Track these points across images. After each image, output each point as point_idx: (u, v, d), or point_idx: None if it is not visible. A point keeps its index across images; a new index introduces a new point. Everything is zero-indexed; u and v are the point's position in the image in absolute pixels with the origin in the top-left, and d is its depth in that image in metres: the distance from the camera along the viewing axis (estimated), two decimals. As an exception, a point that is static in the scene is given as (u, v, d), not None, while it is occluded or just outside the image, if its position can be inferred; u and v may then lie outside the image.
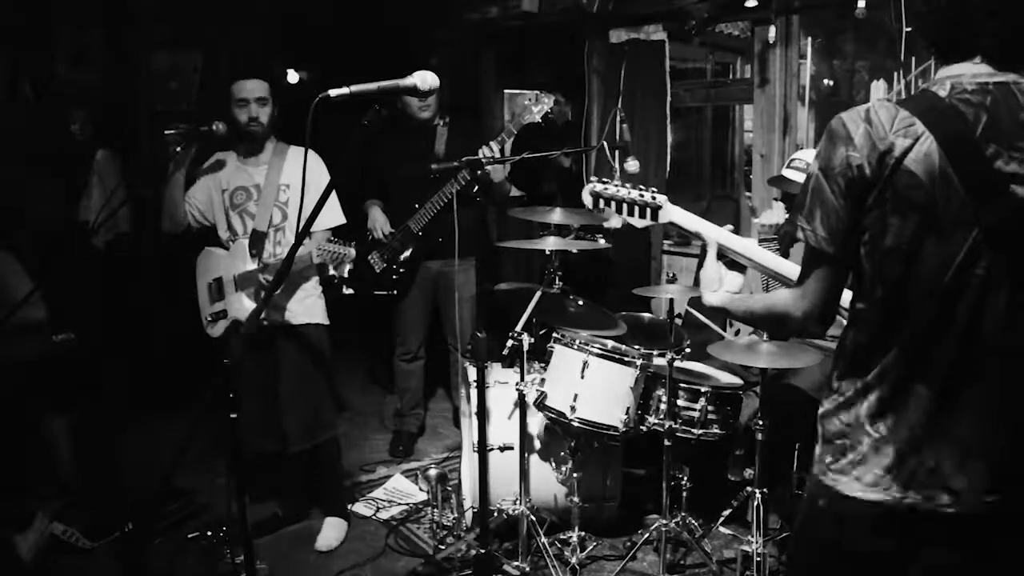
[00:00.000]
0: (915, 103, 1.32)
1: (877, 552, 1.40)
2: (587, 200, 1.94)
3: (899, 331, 1.33)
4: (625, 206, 1.89)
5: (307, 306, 3.08)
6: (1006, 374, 1.31)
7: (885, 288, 1.34)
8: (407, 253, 3.76)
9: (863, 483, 1.37)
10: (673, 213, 1.85)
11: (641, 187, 1.88)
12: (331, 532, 3.19)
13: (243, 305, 2.98)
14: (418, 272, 3.87)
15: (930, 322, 1.31)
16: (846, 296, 1.45)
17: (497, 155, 3.44)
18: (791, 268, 1.69)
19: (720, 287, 1.70)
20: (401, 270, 3.83)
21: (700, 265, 1.82)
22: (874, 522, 1.38)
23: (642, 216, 1.88)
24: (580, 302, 3.22)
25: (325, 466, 3.24)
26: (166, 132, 2.80)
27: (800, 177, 2.93)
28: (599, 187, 1.91)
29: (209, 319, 3.07)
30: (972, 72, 1.32)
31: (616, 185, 1.91)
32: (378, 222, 3.83)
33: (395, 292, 3.90)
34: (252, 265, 2.97)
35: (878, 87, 3.69)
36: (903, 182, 1.28)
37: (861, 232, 1.34)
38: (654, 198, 1.87)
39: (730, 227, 1.93)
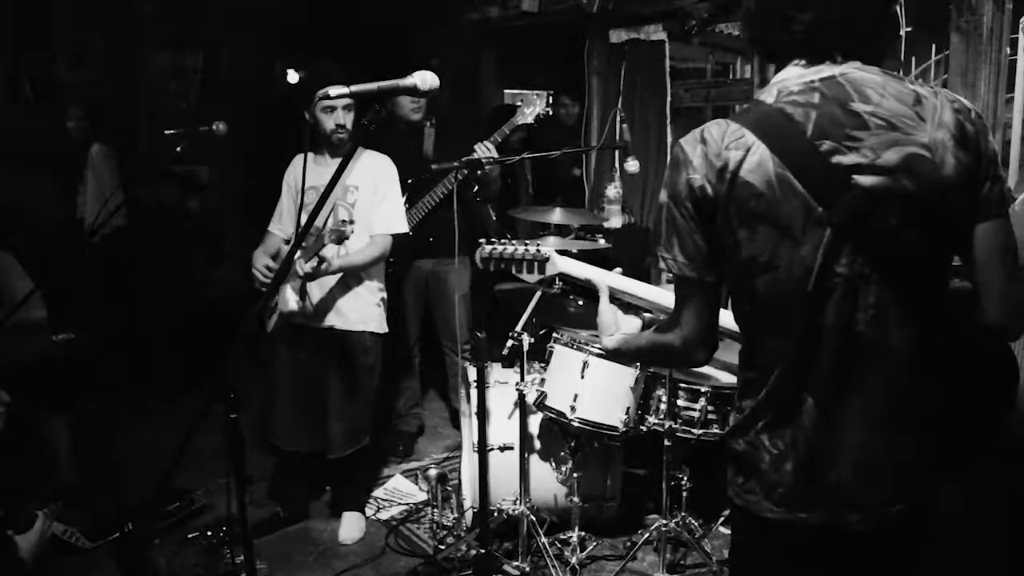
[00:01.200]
0: (745, 115, 1.30)
1: (795, 572, 1.39)
2: (479, 263, 2.01)
3: (776, 345, 1.31)
4: (514, 265, 1.97)
5: (362, 312, 3.08)
6: (889, 375, 1.28)
7: (751, 303, 1.32)
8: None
9: (771, 502, 1.34)
10: (561, 264, 1.92)
11: (527, 243, 1.97)
12: (354, 524, 3.23)
13: (286, 296, 2.98)
14: (409, 271, 3.88)
15: (801, 332, 1.27)
16: (728, 317, 1.43)
17: (492, 154, 3.43)
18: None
19: (617, 331, 1.68)
20: (390, 270, 3.84)
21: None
22: (788, 542, 1.36)
23: (529, 271, 1.97)
24: (580, 302, 3.22)
25: (358, 469, 3.28)
26: (166, 132, 2.80)
27: None
28: (488, 248, 1.99)
29: (267, 313, 3.10)
30: (798, 74, 1.31)
31: (503, 244, 1.98)
32: None
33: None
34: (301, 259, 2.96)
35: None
36: (742, 194, 1.26)
37: (718, 251, 1.32)
38: (539, 251, 1.95)
39: (619, 270, 1.96)
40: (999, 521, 2.15)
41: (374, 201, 3.03)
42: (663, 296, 1.83)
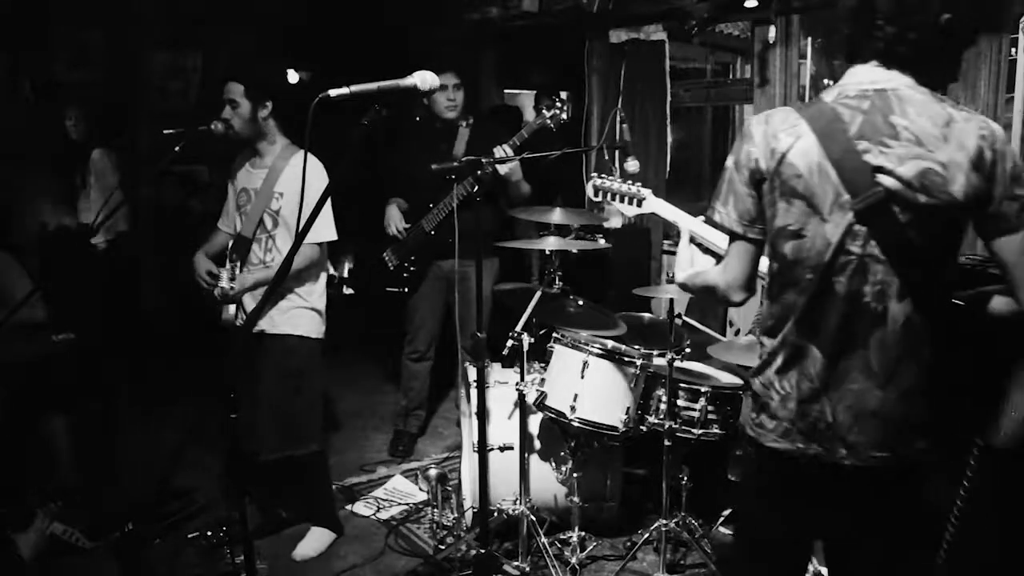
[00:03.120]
0: (806, 108, 1.55)
1: (791, 495, 1.63)
2: (590, 191, 2.51)
3: (792, 300, 1.56)
4: (619, 197, 2.48)
5: (290, 316, 2.97)
6: (885, 340, 1.51)
7: (779, 262, 1.58)
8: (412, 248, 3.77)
9: (776, 434, 1.60)
10: (655, 204, 2.36)
11: (632, 182, 2.43)
12: (311, 542, 3.14)
13: (227, 307, 2.98)
14: (430, 271, 3.88)
15: (814, 294, 1.53)
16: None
17: (509, 155, 3.44)
18: None
19: (691, 267, 1.88)
20: (412, 268, 3.85)
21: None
22: (787, 468, 1.61)
23: (630, 204, 2.46)
24: (580, 302, 3.22)
25: (308, 477, 3.17)
26: (165, 132, 2.80)
27: None
28: (598, 181, 2.50)
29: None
30: (858, 79, 1.54)
31: (612, 180, 2.46)
32: (393, 219, 3.85)
33: (406, 289, 3.92)
34: (227, 269, 2.91)
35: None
36: (787, 172, 1.52)
37: (762, 215, 1.58)
38: (639, 191, 2.44)
39: (702, 217, 2.09)
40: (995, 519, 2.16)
41: (299, 205, 2.92)
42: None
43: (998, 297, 1.59)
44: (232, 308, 2.98)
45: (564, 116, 3.49)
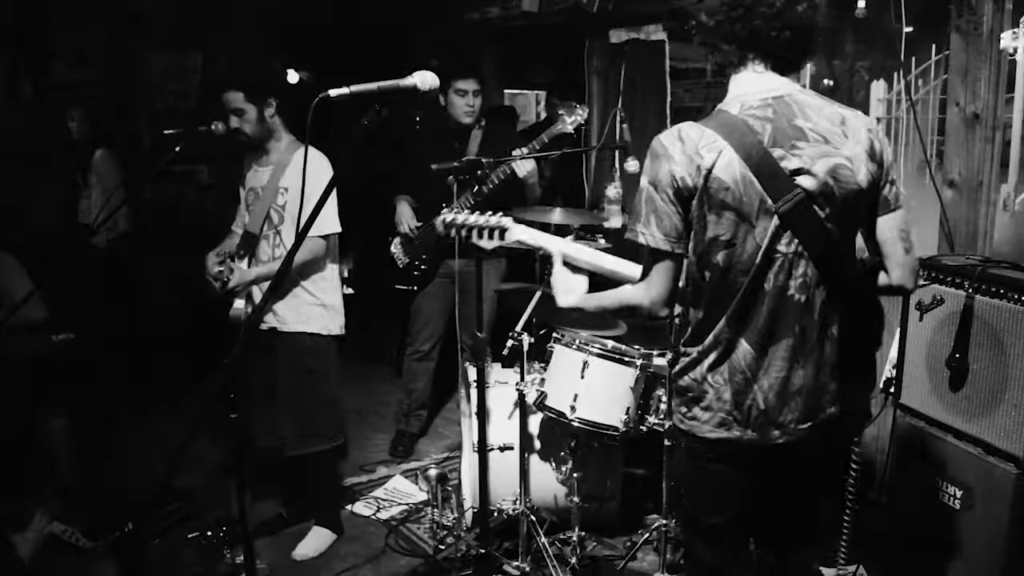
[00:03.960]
0: (715, 122, 1.63)
1: (727, 478, 1.76)
2: (440, 228, 2.37)
3: (725, 303, 1.66)
4: (475, 232, 2.17)
5: (300, 314, 2.99)
6: (806, 326, 1.66)
7: (711, 271, 1.65)
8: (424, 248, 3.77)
9: (711, 425, 1.72)
10: (519, 232, 2.15)
11: (489, 212, 2.16)
12: (311, 542, 3.14)
13: (236, 304, 2.99)
14: (440, 270, 3.89)
15: (747, 293, 1.64)
16: None
17: (528, 161, 3.46)
18: (627, 266, 2.04)
19: (570, 292, 1.99)
20: (424, 267, 3.85)
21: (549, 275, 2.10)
22: (722, 456, 1.74)
23: (490, 238, 2.17)
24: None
25: (316, 475, 3.18)
26: (165, 132, 2.80)
27: None
28: (449, 216, 2.19)
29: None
30: (753, 88, 1.65)
31: (464, 213, 2.18)
32: (404, 216, 3.85)
33: (415, 288, 3.92)
34: (225, 266, 2.97)
35: (878, 87, 3.68)
36: (715, 186, 1.59)
37: (689, 230, 1.65)
38: (500, 221, 2.16)
39: (571, 236, 2.18)
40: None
41: (308, 204, 2.92)
42: (608, 260, 2.08)
43: (882, 274, 1.77)
44: (240, 304, 2.97)
45: (583, 122, 3.51)
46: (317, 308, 3.02)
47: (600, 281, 2.07)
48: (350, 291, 3.90)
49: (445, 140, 3.83)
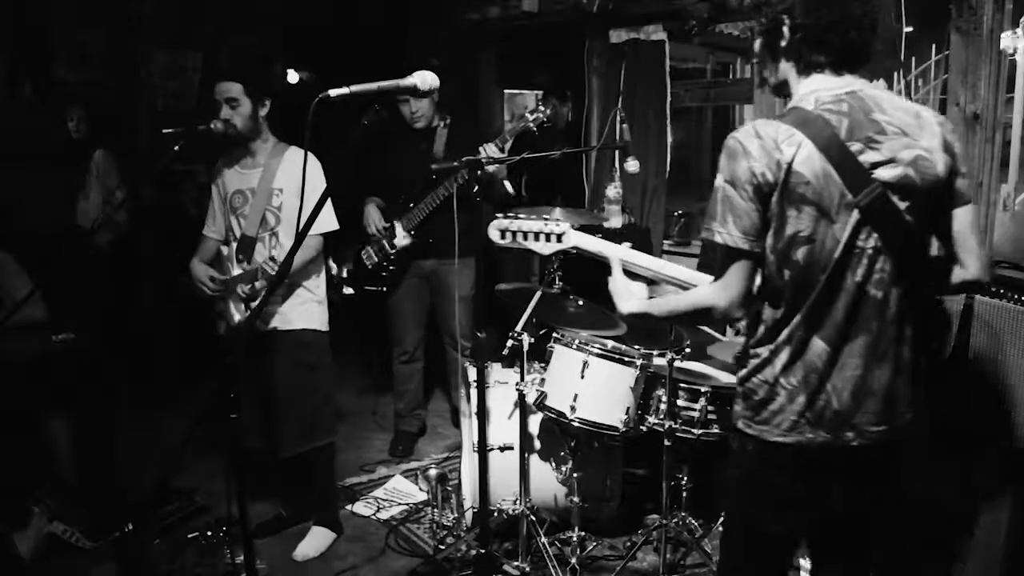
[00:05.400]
0: (791, 118, 1.61)
1: (794, 484, 1.69)
2: (494, 236, 2.16)
3: (800, 301, 1.62)
4: (531, 236, 2.10)
5: (303, 311, 3.02)
6: (884, 324, 1.62)
7: (790, 269, 1.61)
8: (396, 246, 3.77)
9: (782, 428, 1.66)
10: (575, 238, 2.09)
11: (544, 216, 2.05)
12: (312, 542, 3.15)
13: (230, 310, 2.99)
14: (410, 270, 3.88)
15: (824, 290, 1.60)
16: None
17: (496, 155, 3.43)
18: (688, 273, 2.00)
19: (631, 297, 1.92)
20: (392, 268, 3.84)
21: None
22: (794, 460, 1.67)
23: (547, 241, 2.09)
24: (580, 302, 3.22)
25: (316, 473, 3.19)
26: (164, 131, 2.80)
27: None
28: (504, 222, 2.10)
29: (216, 316, 3.09)
30: (825, 86, 1.64)
31: (522, 217, 2.08)
32: (372, 217, 3.85)
33: (384, 288, 3.91)
34: (237, 270, 2.98)
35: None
36: (795, 181, 1.56)
37: (766, 228, 1.61)
38: (557, 225, 2.08)
39: (628, 244, 2.10)
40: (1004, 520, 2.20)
41: (306, 204, 2.96)
42: (668, 268, 2.04)
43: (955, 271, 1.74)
44: (237, 313, 2.98)
45: (545, 118, 3.49)
46: (316, 305, 3.07)
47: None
48: (350, 291, 3.90)
49: (411, 141, 3.82)
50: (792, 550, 1.85)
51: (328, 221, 3.01)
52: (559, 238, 2.09)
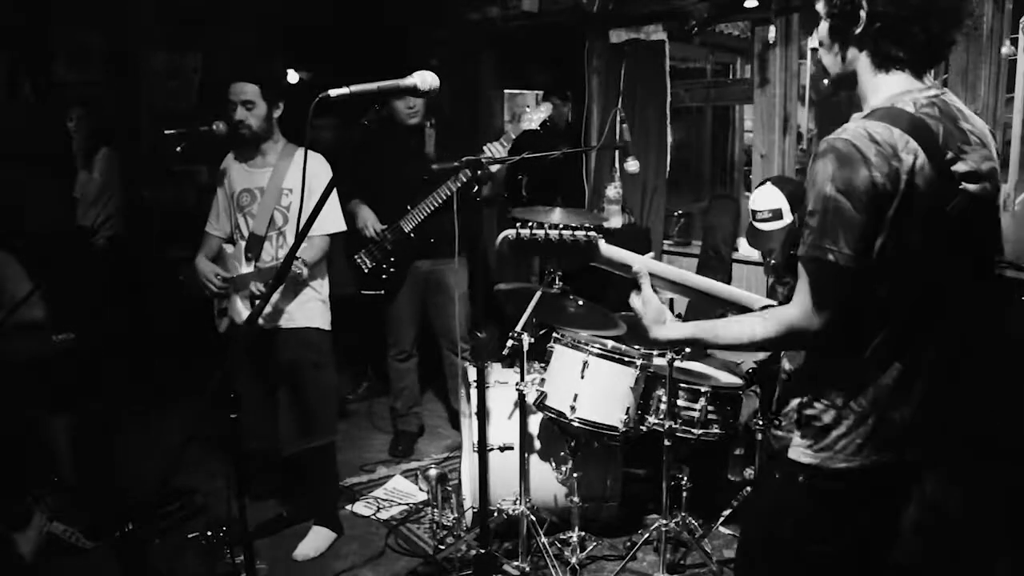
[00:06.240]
0: (898, 121, 1.44)
1: (854, 513, 1.57)
2: (506, 248, 1.72)
3: (888, 320, 1.49)
4: (555, 250, 1.68)
5: (306, 310, 3.04)
6: (955, 338, 1.53)
7: (891, 284, 1.46)
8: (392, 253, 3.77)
9: (846, 453, 1.52)
10: (606, 249, 1.71)
11: (571, 225, 1.68)
12: (312, 542, 3.14)
13: (238, 308, 2.99)
14: (408, 272, 3.87)
15: (913, 308, 1.49)
16: None
17: (501, 155, 3.44)
18: (732, 291, 1.72)
19: (664, 318, 1.62)
20: (392, 270, 3.84)
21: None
22: (851, 485, 1.54)
23: (573, 256, 1.69)
24: (580, 302, 3.22)
25: (317, 472, 3.20)
26: (166, 132, 2.80)
27: (776, 226, 2.94)
28: (523, 231, 1.67)
29: (217, 314, 3.09)
30: (915, 87, 1.50)
31: (539, 227, 1.67)
32: (368, 220, 3.80)
33: (383, 292, 3.89)
34: (246, 269, 2.98)
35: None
36: (912, 192, 1.41)
37: (875, 242, 1.43)
38: (587, 234, 1.67)
39: (651, 254, 1.83)
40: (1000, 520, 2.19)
41: (308, 203, 2.96)
42: (696, 281, 1.73)
43: None
44: (244, 311, 2.98)
45: (546, 118, 3.49)
46: (319, 304, 3.09)
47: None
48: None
49: (401, 141, 3.81)
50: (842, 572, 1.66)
51: (335, 221, 3.04)
52: (589, 250, 1.68)
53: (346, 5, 5.73)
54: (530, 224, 1.67)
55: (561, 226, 1.67)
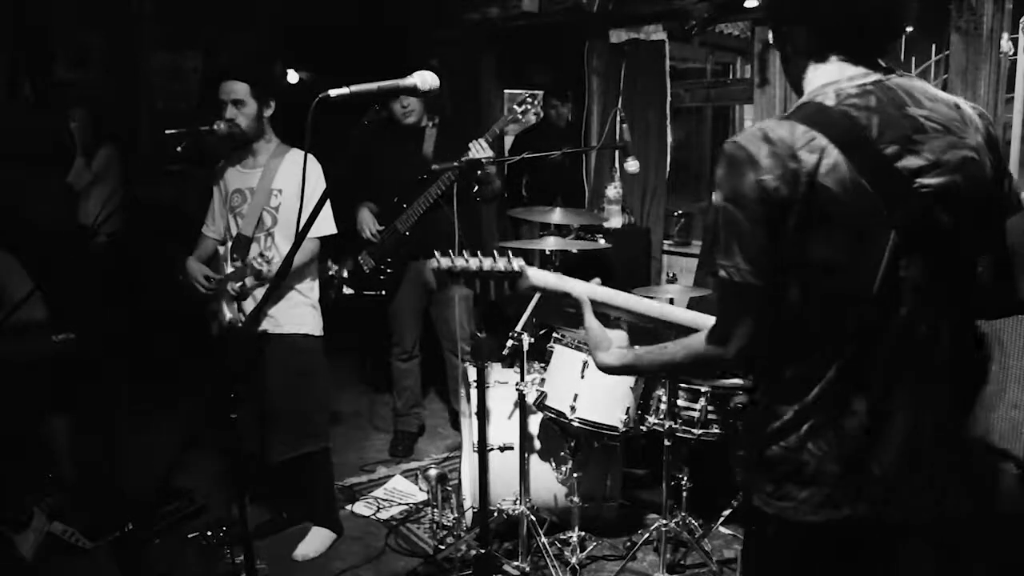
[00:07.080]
0: (807, 116, 1.28)
1: (831, 567, 1.39)
2: (434, 276, 1.67)
3: (834, 348, 1.29)
4: (480, 279, 1.68)
5: (294, 315, 2.99)
6: (933, 368, 1.32)
7: (815, 307, 1.29)
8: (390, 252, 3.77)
9: (811, 505, 1.32)
10: (535, 277, 1.66)
11: (496, 256, 1.66)
12: (312, 543, 3.13)
13: (222, 309, 2.98)
14: (407, 271, 3.87)
15: (862, 331, 1.28)
16: None
17: (486, 151, 3.42)
18: (674, 312, 1.66)
19: (611, 345, 1.56)
20: (389, 270, 3.84)
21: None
22: (825, 542, 1.36)
23: (500, 286, 1.67)
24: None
25: (311, 477, 3.17)
26: (167, 132, 2.80)
27: None
28: (449, 261, 1.66)
29: (209, 316, 3.08)
30: (847, 75, 1.32)
31: (467, 257, 1.66)
32: (366, 222, 3.83)
33: (383, 292, 3.89)
34: (230, 269, 2.97)
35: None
36: (820, 197, 1.23)
37: (778, 254, 1.27)
38: (509, 264, 1.65)
39: (597, 280, 1.75)
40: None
41: (307, 206, 2.94)
42: (653, 307, 1.69)
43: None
44: (229, 312, 2.97)
45: (533, 113, 3.48)
46: (308, 309, 3.05)
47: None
48: (350, 291, 3.90)
49: (401, 142, 3.81)
50: None
51: (326, 224, 3.01)
52: (514, 279, 1.65)
53: (346, 5, 5.74)
54: (453, 255, 1.66)
55: (484, 261, 1.65)
